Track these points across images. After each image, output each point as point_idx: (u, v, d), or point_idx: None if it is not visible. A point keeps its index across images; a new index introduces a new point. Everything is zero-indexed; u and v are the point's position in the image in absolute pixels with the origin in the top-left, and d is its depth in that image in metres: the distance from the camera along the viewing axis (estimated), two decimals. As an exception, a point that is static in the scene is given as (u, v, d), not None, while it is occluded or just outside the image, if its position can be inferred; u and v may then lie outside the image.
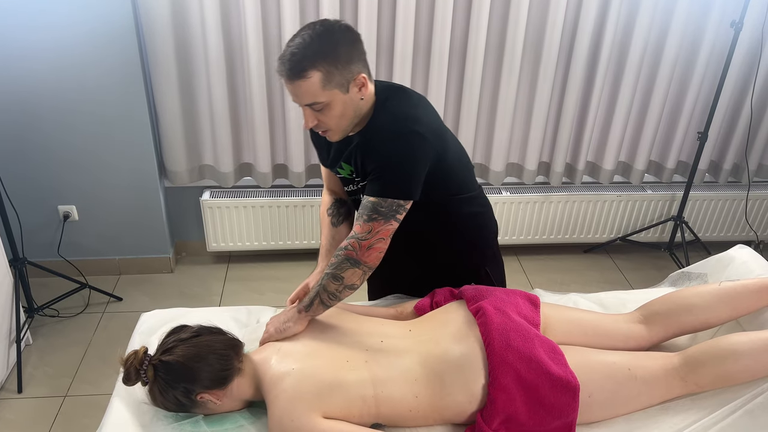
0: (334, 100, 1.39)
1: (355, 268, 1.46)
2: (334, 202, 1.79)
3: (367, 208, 1.45)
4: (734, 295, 1.60)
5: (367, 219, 1.45)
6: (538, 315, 1.58)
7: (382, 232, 1.45)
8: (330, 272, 1.48)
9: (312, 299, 1.50)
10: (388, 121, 1.47)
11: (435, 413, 1.41)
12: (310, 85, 1.36)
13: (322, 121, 1.44)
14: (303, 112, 1.43)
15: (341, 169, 1.62)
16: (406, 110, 1.48)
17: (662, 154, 3.11)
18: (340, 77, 1.38)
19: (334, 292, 1.47)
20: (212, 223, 2.96)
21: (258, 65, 2.58)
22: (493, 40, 2.71)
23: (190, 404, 1.37)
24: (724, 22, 2.72)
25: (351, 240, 1.46)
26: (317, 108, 1.40)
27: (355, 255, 1.45)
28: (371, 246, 1.45)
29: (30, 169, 2.71)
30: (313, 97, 1.38)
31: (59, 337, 2.61)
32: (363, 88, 1.44)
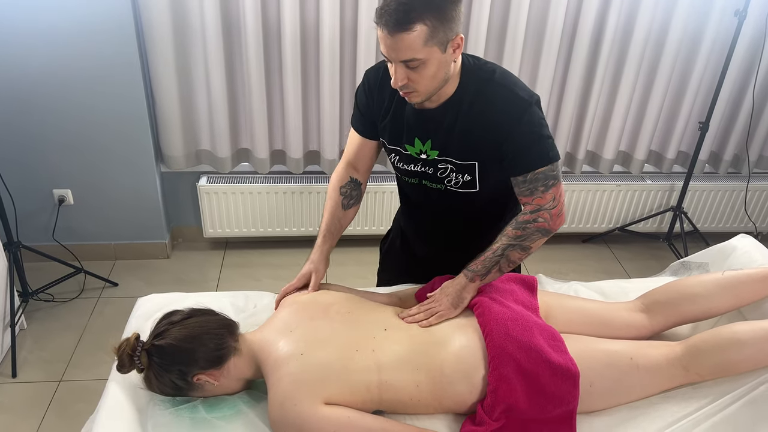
0: (431, 58, 1.31)
1: (545, 237, 1.50)
2: (351, 181, 1.68)
3: (539, 179, 1.45)
4: (737, 284, 1.59)
5: (545, 189, 1.45)
6: (536, 299, 1.57)
7: (561, 194, 1.48)
8: (516, 243, 1.48)
9: (489, 268, 1.50)
10: (508, 96, 1.42)
11: (435, 402, 1.39)
12: (413, 40, 1.27)
13: (412, 79, 1.35)
14: (393, 69, 1.35)
15: (410, 146, 1.54)
16: (512, 79, 1.46)
17: (662, 144, 3.09)
18: (443, 35, 1.30)
19: (517, 260, 1.51)
20: (209, 209, 2.94)
21: (257, 49, 2.55)
22: (494, 27, 2.68)
23: (187, 387, 1.36)
24: (728, 11, 2.70)
25: (541, 212, 1.47)
26: (413, 65, 1.32)
27: (548, 225, 1.48)
28: (560, 212, 1.49)
29: (25, 152, 2.67)
30: (413, 52, 1.29)
31: (54, 322, 2.59)
32: (457, 50, 1.37)
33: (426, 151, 1.53)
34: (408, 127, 1.53)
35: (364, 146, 1.66)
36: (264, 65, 2.61)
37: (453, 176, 1.54)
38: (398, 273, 1.86)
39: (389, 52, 1.32)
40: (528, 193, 1.47)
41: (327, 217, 1.67)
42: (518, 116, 1.41)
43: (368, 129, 1.63)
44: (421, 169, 1.57)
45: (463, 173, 1.52)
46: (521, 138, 1.43)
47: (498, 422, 1.33)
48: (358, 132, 1.66)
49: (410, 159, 1.57)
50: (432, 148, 1.52)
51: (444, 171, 1.55)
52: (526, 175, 1.45)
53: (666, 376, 1.45)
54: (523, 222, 1.48)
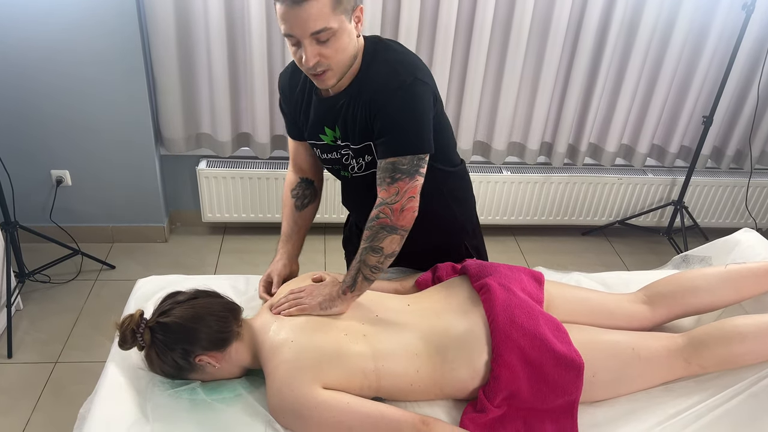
0: (341, 27, 1.26)
1: (393, 234, 1.39)
2: (300, 182, 1.70)
3: (388, 170, 1.37)
4: (739, 278, 1.59)
5: (391, 181, 1.37)
6: (542, 292, 1.56)
7: (410, 190, 1.38)
8: (367, 246, 1.40)
9: (354, 278, 1.42)
10: (385, 72, 1.36)
11: (436, 388, 1.39)
12: (321, 6, 1.21)
13: (325, 55, 1.28)
14: (304, 49, 1.27)
15: (324, 135, 1.51)
16: (400, 58, 1.38)
17: (665, 137, 3.08)
18: (347, 2, 1.26)
19: (376, 264, 1.41)
20: (208, 193, 2.92)
21: (260, 31, 2.52)
22: (500, 16, 2.66)
23: (188, 367, 1.34)
24: (735, 5, 2.68)
25: (381, 207, 1.38)
26: (324, 38, 1.25)
27: (390, 221, 1.38)
28: (403, 207, 1.38)
29: (23, 132, 2.64)
30: (324, 21, 1.23)
31: (50, 303, 2.57)
32: (359, 24, 1.33)
33: (337, 138, 1.50)
34: (317, 117, 1.50)
35: (299, 148, 1.67)
36: (267, 48, 2.58)
37: (353, 162, 1.51)
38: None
39: (294, 28, 1.24)
40: (378, 182, 1.40)
41: (284, 222, 1.69)
42: (389, 96, 1.34)
43: (295, 131, 1.63)
44: (334, 157, 1.55)
45: (362, 155, 1.48)
46: (390, 116, 1.35)
47: (500, 409, 1.32)
48: (290, 136, 1.66)
49: (327, 148, 1.54)
50: (340, 134, 1.48)
51: (347, 157, 1.52)
52: (382, 162, 1.38)
53: (667, 367, 1.45)
54: (369, 219, 1.41)
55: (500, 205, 3.11)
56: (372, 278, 1.43)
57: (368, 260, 1.40)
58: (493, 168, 3.05)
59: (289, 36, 1.27)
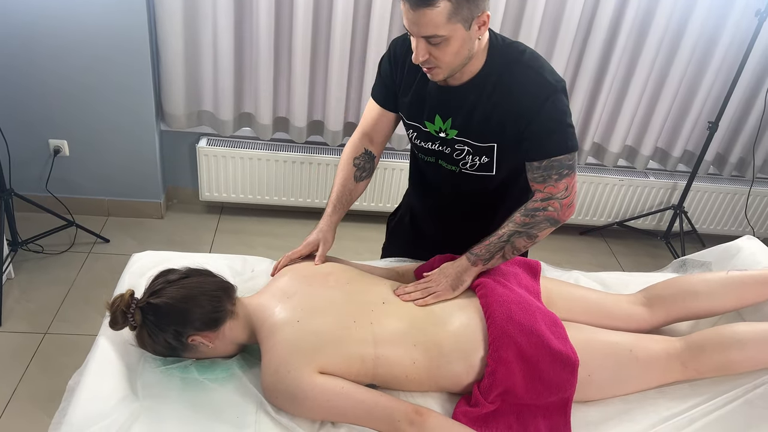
0: (455, 35, 1.28)
1: (552, 226, 1.47)
2: (365, 153, 1.64)
3: (553, 167, 1.41)
4: (740, 284, 1.58)
5: (558, 177, 1.42)
6: (538, 283, 1.55)
7: (574, 185, 1.45)
8: (523, 231, 1.45)
9: (493, 253, 1.47)
10: (537, 81, 1.38)
11: (431, 380, 1.37)
12: (435, 15, 1.24)
13: (434, 56, 1.32)
14: (415, 43, 1.31)
15: (430, 123, 1.51)
16: (542, 65, 1.41)
17: (669, 141, 3.06)
18: (468, 12, 1.27)
19: (522, 248, 1.47)
20: (207, 172, 2.89)
21: (267, 11, 2.48)
22: (511, 12, 2.63)
23: (181, 347, 1.33)
24: (749, 11, 2.66)
25: (551, 201, 1.44)
26: (435, 42, 1.29)
27: (557, 215, 1.45)
28: (571, 203, 1.46)
29: (22, 98, 2.60)
30: (435, 28, 1.26)
31: (42, 274, 2.55)
32: (483, 27, 1.33)
33: (446, 130, 1.49)
34: (430, 103, 1.49)
35: (382, 118, 1.62)
36: (274, 29, 2.55)
37: (469, 159, 1.51)
38: (404, 250, 1.82)
39: (411, 27, 1.29)
40: (541, 180, 1.44)
41: (338, 187, 1.62)
42: (543, 100, 1.38)
43: (389, 100, 1.59)
44: (438, 148, 1.54)
45: (480, 155, 1.49)
46: (543, 123, 1.39)
47: (493, 404, 1.31)
48: (378, 103, 1.61)
49: (428, 137, 1.54)
50: (452, 126, 1.48)
51: (460, 153, 1.51)
52: (542, 162, 1.42)
53: (664, 370, 1.44)
54: (532, 209, 1.46)
55: (500, 199, 3.09)
56: (509, 257, 1.49)
57: (517, 243, 1.46)
58: (495, 162, 3.02)
59: (408, 30, 1.31)
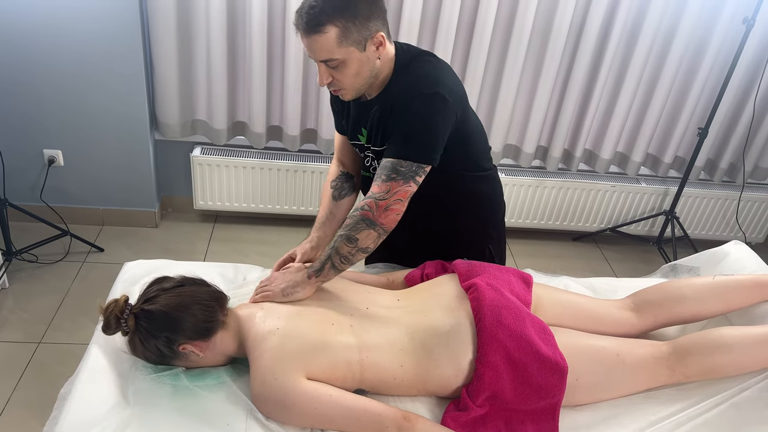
0: (350, 57, 1.36)
1: (371, 229, 1.42)
2: (341, 175, 1.75)
3: (386, 168, 1.42)
4: (727, 289, 1.60)
5: (386, 179, 1.41)
6: (530, 294, 1.56)
7: (400, 192, 1.41)
8: (344, 234, 1.44)
9: (323, 263, 1.45)
10: (409, 81, 1.44)
11: (419, 384, 1.39)
12: (326, 41, 1.33)
13: (336, 78, 1.41)
14: (318, 69, 1.41)
15: (361, 136, 1.58)
16: (428, 71, 1.45)
17: (660, 147, 3.09)
18: (358, 34, 1.34)
19: (347, 255, 1.43)
20: (201, 181, 2.90)
21: (260, 21, 2.51)
22: (502, 18, 2.66)
23: (172, 355, 1.34)
24: (736, 19, 2.69)
25: (368, 200, 1.43)
26: (332, 65, 1.37)
27: (372, 216, 1.42)
28: (389, 207, 1.41)
29: (17, 108, 2.62)
30: (329, 53, 1.34)
31: (37, 283, 2.55)
32: (380, 47, 1.40)
33: (364, 140, 1.59)
34: (354, 119, 1.59)
35: (342, 143, 1.74)
36: (267, 38, 2.57)
37: (374, 164, 1.60)
38: (379, 256, 1.86)
39: (309, 52, 1.38)
40: (374, 177, 1.46)
41: (320, 210, 1.73)
42: (405, 102, 1.41)
43: (340, 126, 1.71)
44: (365, 154, 1.64)
45: (377, 160, 1.56)
46: (402, 121, 1.42)
47: (482, 408, 1.32)
48: (336, 130, 1.74)
49: (362, 148, 1.63)
50: (366, 138, 1.57)
51: (368, 159, 1.61)
52: (383, 160, 1.45)
53: (651, 374, 1.45)
54: (353, 209, 1.47)
55: (493, 206, 3.11)
56: (340, 268, 1.45)
57: (341, 249, 1.44)
58: (487, 169, 3.04)
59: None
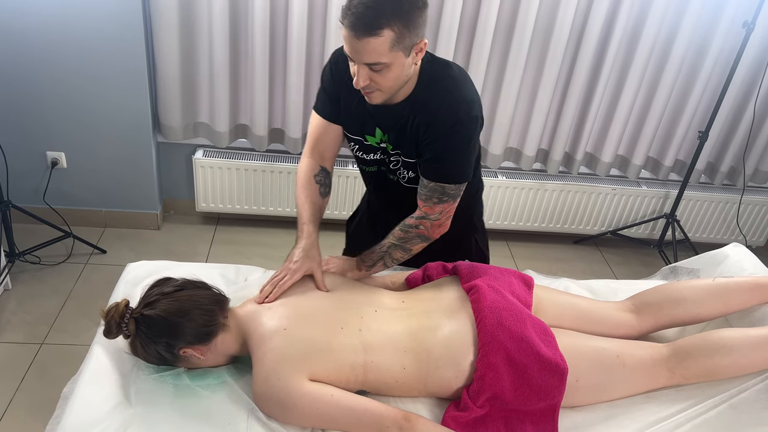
0: (396, 62, 1.31)
1: (425, 242, 1.59)
2: (322, 170, 1.65)
3: (437, 191, 1.50)
4: (727, 291, 1.61)
5: (438, 201, 1.51)
6: (531, 296, 1.57)
7: (450, 211, 1.55)
8: (398, 245, 1.58)
9: (375, 261, 1.61)
10: (449, 104, 1.43)
11: (420, 385, 1.39)
12: (379, 44, 1.26)
13: (375, 81, 1.35)
14: (355, 69, 1.34)
15: (371, 137, 1.56)
16: (464, 92, 1.45)
17: (661, 151, 3.10)
18: (409, 40, 1.30)
19: (398, 258, 1.61)
20: (203, 183, 2.91)
21: (262, 24, 2.52)
22: (503, 21, 2.67)
23: (172, 358, 1.35)
24: (736, 22, 2.70)
25: (423, 221, 1.55)
26: (377, 69, 1.31)
27: (427, 233, 1.57)
28: (441, 224, 1.57)
29: (21, 111, 2.63)
30: (378, 56, 1.28)
31: (39, 285, 2.57)
32: (420, 54, 1.37)
33: (385, 141, 1.56)
34: (370, 117, 1.53)
35: (330, 131, 1.61)
36: (269, 40, 2.58)
37: (403, 171, 1.59)
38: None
39: (353, 54, 1.31)
40: (424, 198, 1.53)
41: (309, 205, 1.60)
42: (452, 125, 1.43)
43: (336, 113, 1.58)
44: (380, 157, 1.61)
45: (408, 169, 1.57)
46: (445, 147, 1.45)
47: (482, 409, 1.33)
48: (325, 116, 1.59)
49: (370, 148, 1.60)
50: (389, 141, 1.55)
51: (396, 164, 1.59)
52: (430, 182, 1.50)
53: (651, 376, 1.46)
54: (407, 225, 1.58)
55: (494, 209, 3.12)
56: (390, 265, 1.63)
57: (394, 254, 1.60)
58: (488, 172, 3.05)
59: (348, 55, 1.34)
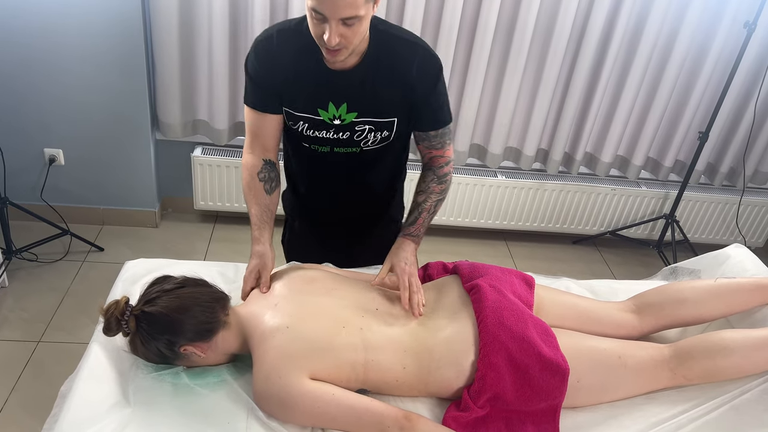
0: (367, 14, 1.30)
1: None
2: (265, 164, 1.59)
3: (447, 134, 1.60)
4: (729, 292, 1.60)
5: (448, 142, 1.62)
6: (533, 296, 1.56)
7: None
8: (442, 197, 1.63)
9: (426, 227, 1.61)
10: (424, 56, 1.48)
11: (421, 385, 1.38)
12: None
13: (345, 35, 1.29)
14: (329, 27, 1.27)
15: (324, 111, 1.48)
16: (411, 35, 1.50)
17: (661, 151, 3.09)
18: None
19: (438, 211, 1.65)
20: (201, 181, 2.90)
21: (262, 21, 2.51)
22: (504, 20, 2.66)
23: (173, 356, 1.34)
24: (738, 23, 2.70)
25: (450, 164, 1.64)
26: (350, 23, 1.27)
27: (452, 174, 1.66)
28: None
29: (18, 107, 2.62)
30: (356, 8, 1.25)
31: (36, 282, 2.55)
32: (376, 6, 1.34)
33: (340, 116, 1.49)
34: (320, 92, 1.47)
35: (267, 123, 1.54)
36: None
37: (371, 136, 1.55)
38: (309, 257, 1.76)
39: (331, 10, 1.25)
40: (440, 146, 1.61)
41: (255, 209, 1.57)
42: (436, 76, 1.51)
43: (270, 102, 1.51)
44: (333, 136, 1.53)
45: (381, 130, 1.55)
46: (438, 97, 1.54)
47: (483, 410, 1.32)
48: (258, 108, 1.52)
49: (321, 125, 1.51)
50: (348, 110, 1.48)
51: (361, 133, 1.53)
52: (438, 130, 1.58)
53: (652, 377, 1.45)
54: (443, 175, 1.63)
55: (493, 209, 3.11)
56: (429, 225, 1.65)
57: (438, 207, 1.64)
58: (488, 172, 3.05)
59: (316, 12, 1.27)
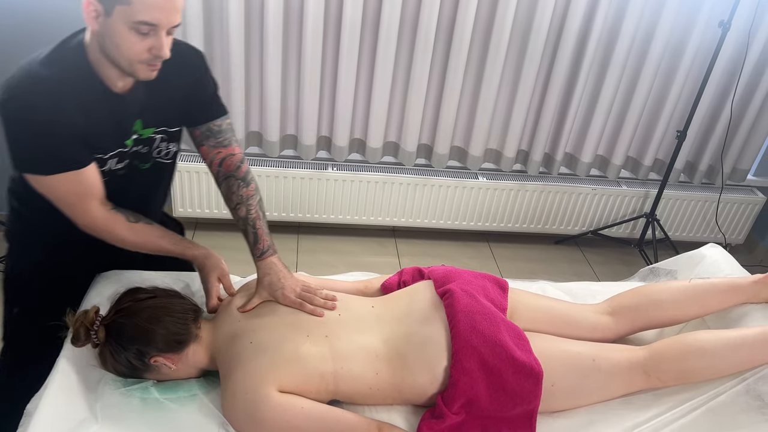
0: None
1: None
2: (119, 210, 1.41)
3: (230, 130, 1.53)
4: (703, 292, 1.60)
5: (234, 138, 1.54)
6: (506, 300, 1.56)
7: None
8: (260, 196, 1.55)
9: (269, 237, 1.51)
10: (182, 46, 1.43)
11: (395, 392, 1.37)
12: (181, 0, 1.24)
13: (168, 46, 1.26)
14: (157, 39, 1.22)
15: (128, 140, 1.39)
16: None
17: (640, 150, 3.10)
18: None
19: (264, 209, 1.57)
20: (180, 187, 2.87)
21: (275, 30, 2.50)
22: (481, 22, 2.66)
23: (143, 368, 1.32)
24: (713, 22, 2.71)
25: (246, 162, 1.55)
26: (173, 31, 1.25)
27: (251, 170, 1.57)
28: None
29: None
30: (180, 14, 1.24)
31: None
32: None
33: (137, 132, 1.41)
34: (123, 118, 1.37)
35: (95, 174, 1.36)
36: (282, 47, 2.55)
37: (164, 146, 1.49)
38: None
39: (168, 17, 1.21)
40: (227, 143, 1.52)
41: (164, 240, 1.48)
42: (203, 67, 1.47)
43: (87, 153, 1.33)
44: (132, 150, 1.42)
45: (176, 140, 1.52)
46: (211, 86, 1.49)
47: (458, 416, 1.31)
48: (84, 165, 1.32)
49: (127, 154, 1.42)
50: (145, 126, 1.41)
51: (158, 143, 1.47)
52: (221, 124, 1.50)
53: (627, 379, 1.45)
54: (245, 175, 1.54)
55: (475, 210, 3.11)
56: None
57: (264, 208, 1.54)
58: (469, 174, 3.04)
59: (150, 25, 1.20)
